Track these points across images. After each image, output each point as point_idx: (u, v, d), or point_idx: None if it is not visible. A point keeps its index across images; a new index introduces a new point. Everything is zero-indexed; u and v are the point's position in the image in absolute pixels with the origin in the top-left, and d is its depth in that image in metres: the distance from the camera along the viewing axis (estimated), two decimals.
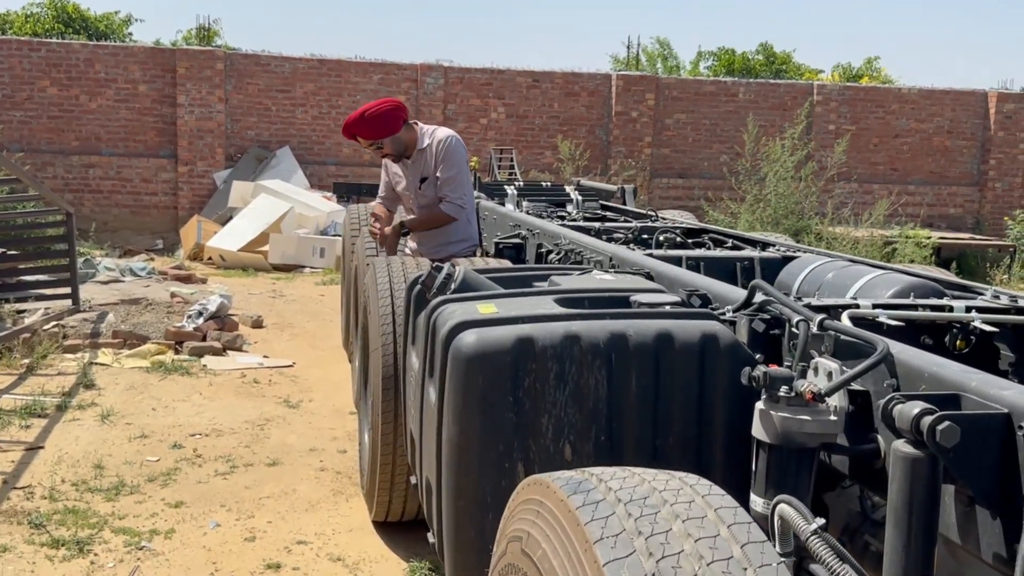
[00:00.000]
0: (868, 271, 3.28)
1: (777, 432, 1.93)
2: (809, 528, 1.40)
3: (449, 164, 4.80)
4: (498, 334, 2.18)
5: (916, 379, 1.83)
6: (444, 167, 4.80)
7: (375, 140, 4.73)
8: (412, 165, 4.85)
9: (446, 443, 2.20)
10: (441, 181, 4.81)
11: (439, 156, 4.79)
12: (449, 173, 4.81)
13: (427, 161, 4.82)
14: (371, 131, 4.72)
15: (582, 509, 1.30)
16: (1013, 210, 15.78)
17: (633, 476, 1.41)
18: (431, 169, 4.82)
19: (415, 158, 4.84)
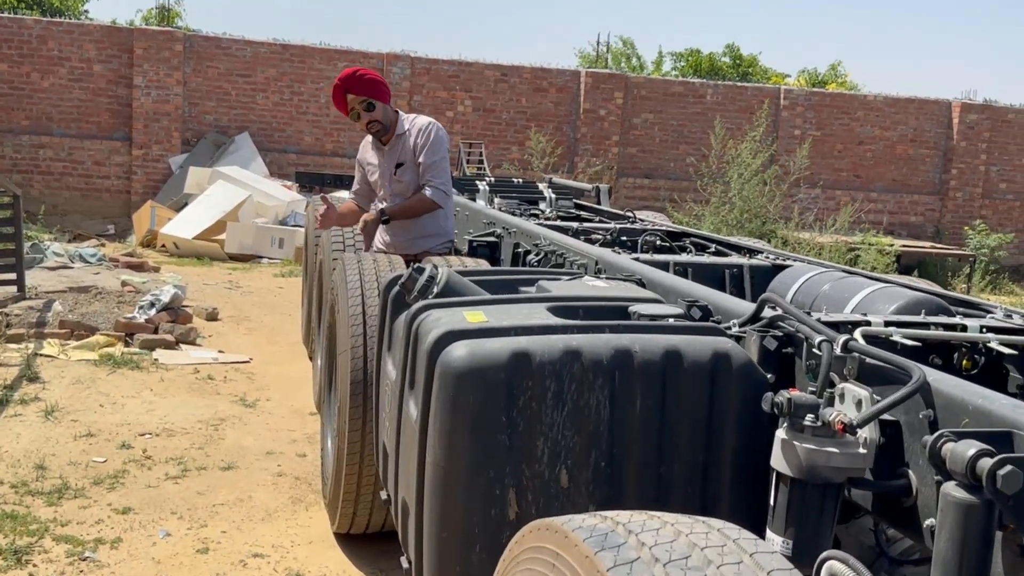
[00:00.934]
0: (867, 284, 3.13)
1: (801, 465, 1.75)
2: None
3: (433, 150, 4.55)
4: (492, 347, 1.98)
5: (958, 411, 1.67)
6: (428, 152, 4.53)
7: (368, 98, 4.43)
8: (389, 151, 4.60)
9: (430, 465, 2.00)
10: (424, 167, 4.54)
11: (421, 142, 4.55)
12: (433, 158, 4.55)
13: (405, 147, 4.57)
14: (366, 88, 4.46)
15: (615, 570, 1.11)
16: (973, 220, 15.93)
17: (667, 527, 1.22)
18: (409, 154, 4.57)
19: (392, 143, 4.59)
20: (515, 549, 1.48)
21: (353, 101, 4.44)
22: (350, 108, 4.48)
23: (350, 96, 4.44)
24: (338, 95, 4.49)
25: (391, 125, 4.56)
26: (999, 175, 16.80)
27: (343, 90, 4.45)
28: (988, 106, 16.61)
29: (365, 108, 4.45)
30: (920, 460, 1.72)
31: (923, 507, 1.72)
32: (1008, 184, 16.88)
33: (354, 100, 4.44)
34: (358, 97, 4.43)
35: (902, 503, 1.78)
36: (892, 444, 1.80)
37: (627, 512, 1.31)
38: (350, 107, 4.47)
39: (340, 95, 4.48)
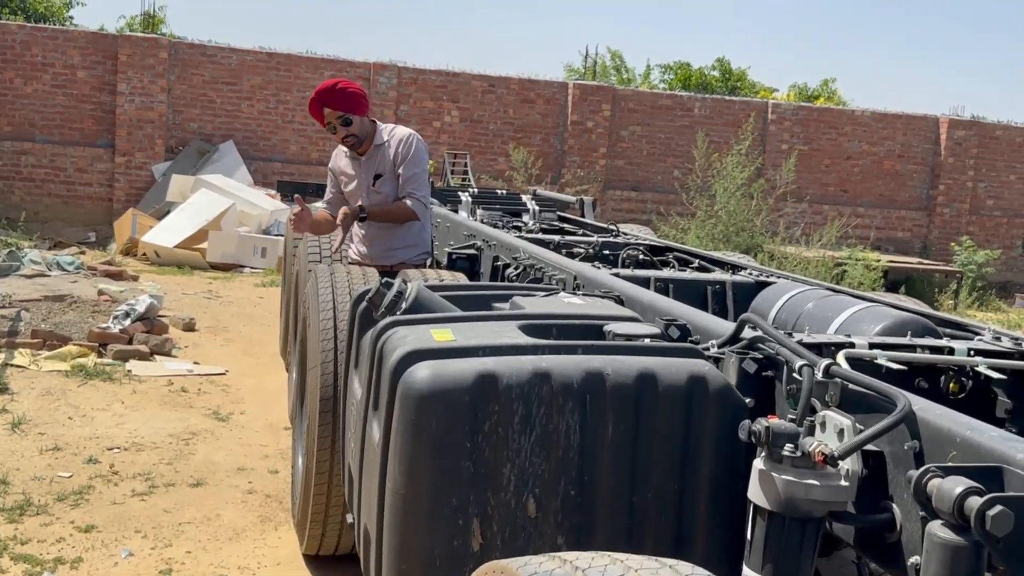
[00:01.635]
0: (851, 303, 3.04)
1: (779, 498, 1.66)
2: None
3: (414, 161, 4.49)
4: (456, 368, 1.88)
5: (944, 443, 1.57)
6: (408, 164, 4.47)
7: (345, 113, 4.34)
8: (366, 161, 4.50)
9: (390, 493, 1.89)
10: (404, 179, 4.47)
11: (401, 153, 4.48)
12: (414, 170, 4.49)
13: (384, 158, 4.48)
14: (344, 103, 4.36)
15: None
16: (960, 236, 15.92)
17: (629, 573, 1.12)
18: (388, 166, 4.48)
19: (370, 154, 4.49)
20: None
21: (330, 115, 4.37)
22: (327, 121, 4.40)
23: (327, 110, 4.36)
24: (315, 107, 4.41)
25: (368, 137, 4.46)
26: (986, 191, 16.82)
27: (320, 103, 4.37)
28: (976, 122, 16.64)
29: (342, 123, 4.37)
30: (905, 494, 1.62)
31: (908, 543, 1.62)
32: (995, 200, 16.89)
33: (331, 114, 4.36)
34: (335, 112, 4.35)
35: (886, 538, 1.68)
36: (876, 476, 1.71)
37: (587, 554, 1.21)
38: (327, 120, 4.39)
39: (317, 107, 4.40)
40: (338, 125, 4.37)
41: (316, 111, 4.41)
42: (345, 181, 4.60)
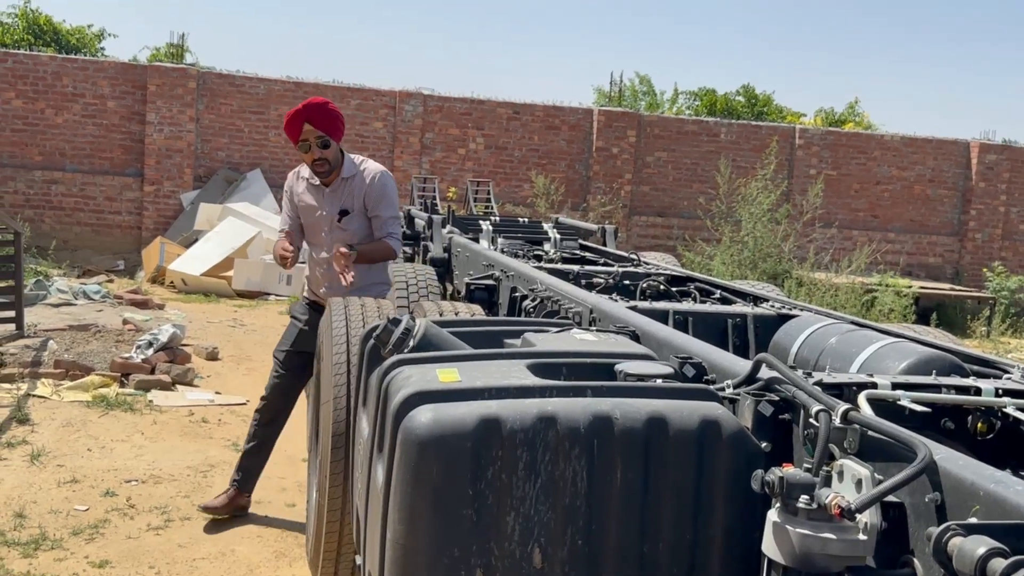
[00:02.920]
0: (876, 338, 2.95)
1: (794, 552, 1.58)
2: None
3: (391, 202, 4.38)
4: (458, 412, 1.82)
5: (967, 497, 1.49)
6: (386, 205, 4.35)
7: (325, 135, 4.16)
8: (331, 194, 4.31)
9: (390, 543, 1.83)
10: (384, 219, 4.35)
11: (375, 192, 4.33)
12: (392, 212, 4.39)
13: (352, 193, 4.31)
14: (327, 123, 4.20)
15: None
16: (992, 262, 15.67)
17: None
18: (357, 203, 4.31)
19: (336, 186, 4.31)
20: None
21: (310, 133, 4.16)
22: (303, 138, 4.17)
23: (308, 127, 4.15)
24: (296, 121, 4.17)
25: (337, 167, 4.30)
26: (1019, 216, 16.56)
27: (303, 118, 4.15)
28: (1007, 147, 16.42)
29: (320, 144, 4.18)
30: (927, 550, 1.54)
31: None
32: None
33: (311, 132, 4.16)
34: (316, 131, 4.16)
35: None
36: (896, 529, 1.63)
37: None
38: (303, 137, 4.17)
39: (298, 122, 4.16)
40: (315, 145, 4.17)
41: (295, 125, 4.18)
42: (305, 210, 4.39)
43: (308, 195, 4.37)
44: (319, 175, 4.28)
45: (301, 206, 4.40)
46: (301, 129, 4.16)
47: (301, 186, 4.40)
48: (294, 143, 4.25)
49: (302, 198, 4.39)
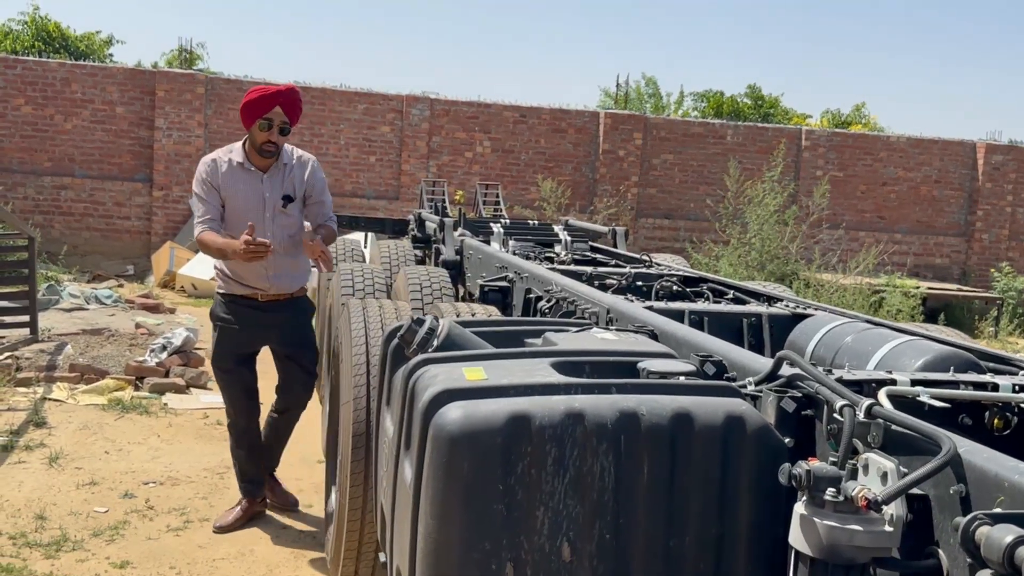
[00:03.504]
0: (891, 336, 2.98)
1: (822, 544, 1.61)
2: None
3: (324, 187, 4.42)
4: (488, 409, 1.86)
5: (992, 488, 1.52)
6: (324, 191, 4.39)
7: (288, 122, 4.19)
8: (269, 179, 4.23)
9: (422, 537, 1.87)
10: (324, 204, 4.37)
11: (315, 180, 4.35)
12: (327, 197, 4.43)
13: (292, 180, 4.29)
14: (295, 112, 4.24)
15: None
16: (999, 262, 15.68)
17: None
18: (296, 189, 4.30)
19: (273, 172, 4.25)
20: None
21: (277, 115, 4.15)
22: (268, 117, 4.13)
23: (277, 109, 4.15)
24: (269, 101, 4.13)
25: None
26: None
27: (276, 101, 4.14)
28: (1014, 147, 16.42)
29: (281, 130, 4.18)
30: (952, 540, 1.57)
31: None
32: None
33: (279, 115, 4.15)
34: (283, 115, 4.18)
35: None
36: (920, 521, 1.66)
37: None
38: (269, 117, 4.13)
39: (271, 103, 4.13)
40: (277, 128, 4.16)
41: (266, 105, 4.13)
42: (238, 195, 4.22)
43: (241, 180, 4.22)
44: (264, 155, 4.21)
45: (232, 191, 4.21)
46: (270, 109, 4.14)
47: (231, 171, 4.22)
48: (251, 120, 4.17)
49: (233, 184, 4.21)
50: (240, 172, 4.22)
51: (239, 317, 4.31)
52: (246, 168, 4.22)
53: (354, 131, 14.33)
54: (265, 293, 4.31)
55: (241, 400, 4.41)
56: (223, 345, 4.35)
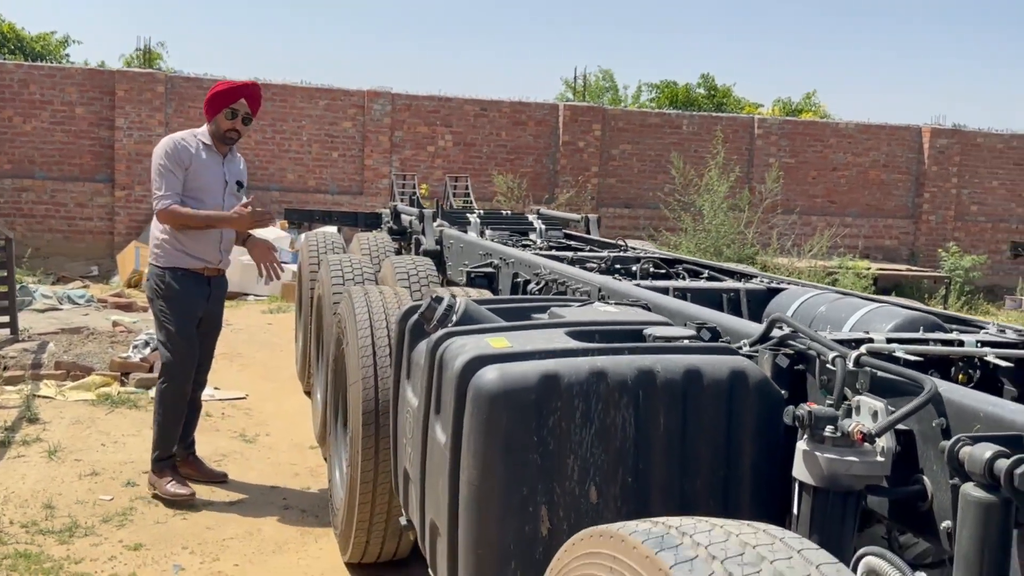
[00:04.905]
0: (862, 303, 3.24)
1: (823, 474, 1.85)
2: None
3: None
4: (521, 370, 2.07)
5: (969, 419, 1.77)
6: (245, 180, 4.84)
7: (251, 114, 4.61)
8: (227, 164, 4.66)
9: (465, 485, 2.08)
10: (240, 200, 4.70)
11: (245, 171, 4.87)
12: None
13: (240, 169, 4.77)
14: (257, 105, 4.65)
15: (676, 568, 1.20)
16: (946, 242, 16.22)
17: (717, 529, 1.32)
18: (243, 178, 4.78)
19: (229, 159, 4.69)
20: (564, 558, 1.56)
21: (242, 107, 4.53)
22: (233, 108, 4.51)
23: (242, 102, 4.54)
24: (235, 93, 4.52)
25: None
26: (970, 198, 17.15)
27: (242, 93, 4.53)
28: (957, 131, 16.99)
29: (244, 121, 4.59)
30: (935, 466, 1.82)
31: (939, 511, 1.82)
32: (979, 207, 17.22)
33: (243, 106, 4.54)
34: (247, 108, 4.56)
35: (918, 508, 1.87)
36: (906, 452, 1.90)
37: (676, 518, 1.40)
38: (235, 107, 4.51)
39: (237, 94, 4.52)
40: (241, 117, 4.55)
41: (232, 96, 4.51)
42: (203, 173, 4.52)
43: (208, 161, 4.56)
44: (227, 142, 4.60)
45: (199, 169, 4.51)
46: (236, 100, 4.52)
47: (200, 149, 4.54)
48: (217, 109, 4.51)
49: (202, 161, 4.52)
50: (208, 153, 4.57)
51: (192, 289, 4.57)
52: (211, 150, 4.58)
53: (316, 127, 14.41)
54: (212, 267, 4.59)
55: (192, 368, 4.64)
56: (182, 314, 4.55)
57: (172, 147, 4.47)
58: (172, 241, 4.52)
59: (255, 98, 4.61)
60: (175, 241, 4.51)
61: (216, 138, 4.57)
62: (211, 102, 4.55)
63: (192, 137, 4.58)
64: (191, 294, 4.56)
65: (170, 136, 4.59)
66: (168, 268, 4.54)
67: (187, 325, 4.57)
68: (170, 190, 4.43)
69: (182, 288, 4.53)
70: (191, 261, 4.54)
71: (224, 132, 4.55)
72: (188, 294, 4.55)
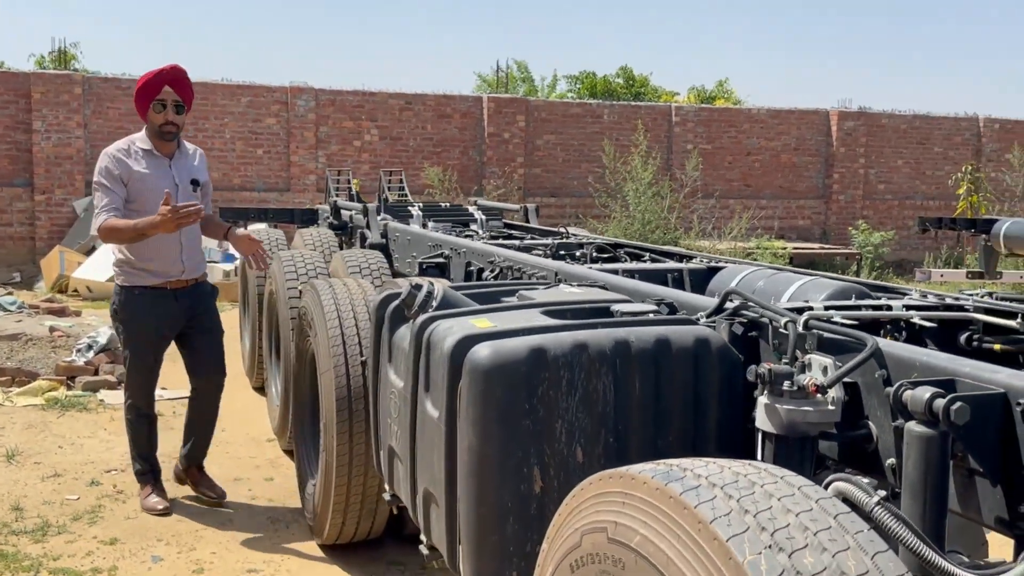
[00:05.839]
0: (796, 277, 3.55)
1: (783, 423, 2.11)
2: (872, 501, 1.58)
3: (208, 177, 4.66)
4: (512, 345, 2.29)
5: (907, 369, 2.05)
6: (208, 182, 4.63)
7: (181, 101, 4.30)
8: (175, 164, 4.37)
9: (465, 452, 2.28)
10: (208, 196, 4.59)
11: (204, 167, 4.59)
12: (211, 189, 4.68)
13: (193, 166, 4.47)
14: (186, 91, 4.34)
15: (687, 494, 1.43)
16: (856, 220, 16.96)
17: (711, 464, 1.56)
18: (201, 175, 4.51)
19: (178, 158, 4.40)
20: (572, 503, 1.78)
21: (168, 95, 4.25)
22: (160, 99, 4.24)
23: (167, 88, 4.24)
24: (158, 82, 4.23)
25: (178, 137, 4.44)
26: (877, 177, 17.93)
27: (166, 80, 4.24)
28: (863, 113, 17.74)
29: (176, 109, 4.29)
30: (878, 412, 2.10)
31: (883, 450, 2.10)
32: (886, 185, 18.03)
33: (170, 94, 4.25)
34: (175, 94, 4.27)
35: (865, 448, 2.15)
36: (852, 402, 2.18)
37: (673, 459, 1.64)
38: (160, 98, 4.24)
39: (160, 83, 4.23)
40: (171, 107, 4.26)
41: (156, 85, 4.23)
42: (146, 180, 4.24)
43: (146, 167, 4.27)
44: (166, 138, 4.31)
45: (140, 177, 4.24)
46: (159, 90, 4.23)
47: (135, 160, 4.28)
48: (145, 105, 4.26)
49: (139, 171, 4.25)
50: (148, 158, 4.29)
51: (151, 309, 4.34)
52: (153, 154, 4.31)
53: (239, 124, 14.34)
54: (176, 280, 4.36)
55: (152, 391, 4.60)
56: (141, 341, 4.40)
57: (108, 162, 4.24)
58: (128, 259, 4.32)
59: (179, 83, 4.27)
60: (131, 258, 4.31)
61: (154, 137, 4.31)
62: (138, 98, 4.28)
63: (129, 145, 4.32)
64: (150, 314, 4.35)
65: (105, 150, 4.34)
66: (127, 287, 4.36)
67: (143, 347, 4.42)
68: (109, 205, 4.19)
69: (140, 308, 4.35)
70: (149, 278, 4.33)
71: (159, 127, 4.27)
72: (147, 314, 4.35)
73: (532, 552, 2.27)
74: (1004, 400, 1.82)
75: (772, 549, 1.32)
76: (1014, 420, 1.80)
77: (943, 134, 18.15)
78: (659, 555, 1.44)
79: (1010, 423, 1.81)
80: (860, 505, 1.57)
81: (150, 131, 4.34)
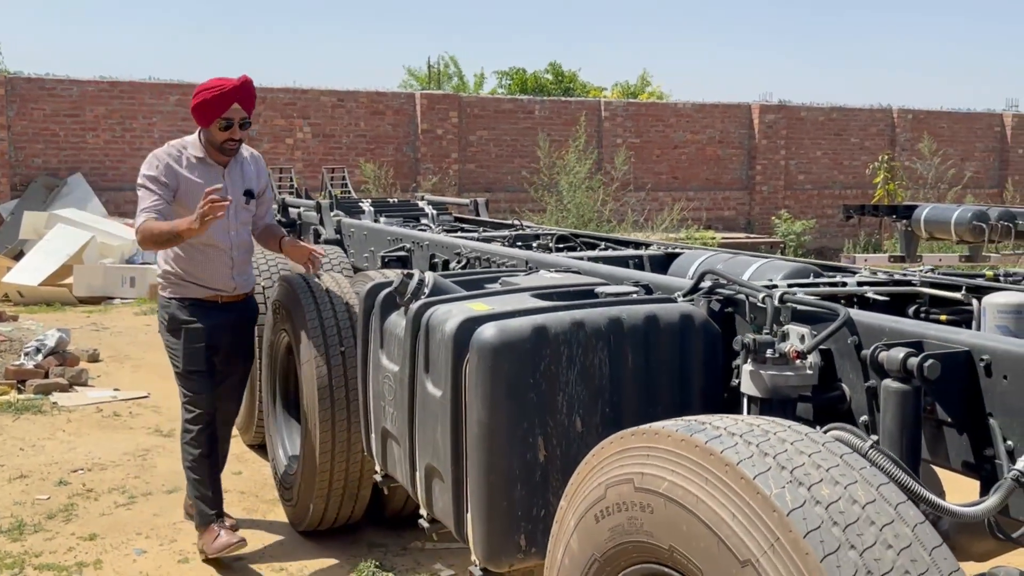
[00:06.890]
0: (752, 260, 3.78)
1: (767, 387, 2.32)
2: (866, 445, 1.79)
3: (269, 184, 4.37)
4: (515, 324, 2.46)
5: (877, 334, 2.28)
6: (267, 187, 4.34)
7: (248, 116, 4.00)
8: (229, 174, 4.06)
9: (475, 425, 2.44)
10: (271, 202, 4.41)
11: (265, 176, 4.31)
12: (271, 194, 4.44)
13: (250, 175, 4.18)
14: (252, 104, 4.01)
15: (712, 442, 1.62)
16: (778, 210, 17.53)
17: (725, 418, 1.75)
18: (255, 184, 4.20)
19: (232, 167, 4.09)
20: (593, 461, 1.96)
21: (236, 112, 3.94)
22: (226, 117, 3.91)
23: (236, 106, 3.93)
24: (226, 100, 3.89)
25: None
26: (797, 168, 18.56)
27: (234, 97, 3.91)
28: (783, 106, 18.34)
29: (242, 125, 3.99)
30: (851, 374, 2.33)
31: (856, 408, 2.32)
32: (806, 176, 18.66)
33: (238, 112, 3.95)
34: (243, 111, 3.97)
35: (839, 409, 2.38)
36: (827, 366, 2.41)
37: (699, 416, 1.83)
38: (229, 116, 3.91)
39: (226, 101, 3.89)
40: (238, 125, 3.97)
41: (224, 103, 3.89)
42: (194, 193, 3.85)
43: (199, 175, 3.98)
44: (227, 154, 4.04)
45: (192, 187, 3.93)
46: (227, 108, 3.91)
47: (184, 167, 3.98)
48: (208, 120, 3.94)
49: (191, 178, 3.97)
50: (200, 167, 4.01)
51: (203, 318, 4.04)
52: (206, 163, 4.03)
53: (168, 123, 14.15)
54: (228, 295, 4.10)
55: (210, 403, 4.05)
56: (193, 345, 4.01)
57: (156, 163, 3.93)
58: (175, 271, 4.02)
59: (248, 99, 3.97)
60: (179, 269, 4.02)
61: (212, 148, 4.01)
62: (198, 111, 3.93)
63: (181, 152, 4.01)
64: (202, 320, 4.02)
65: (154, 152, 4.02)
66: (175, 299, 4.04)
67: (197, 357, 4.00)
68: (153, 205, 3.86)
69: (191, 315, 4.02)
70: (199, 291, 4.04)
71: (221, 144, 3.98)
72: (199, 320, 4.02)
73: (538, 515, 2.45)
74: (968, 357, 2.06)
75: (793, 483, 1.52)
76: (977, 374, 2.04)
77: (859, 125, 18.87)
78: (688, 497, 1.62)
79: (974, 377, 2.05)
80: (856, 449, 1.78)
81: (208, 142, 4.01)
